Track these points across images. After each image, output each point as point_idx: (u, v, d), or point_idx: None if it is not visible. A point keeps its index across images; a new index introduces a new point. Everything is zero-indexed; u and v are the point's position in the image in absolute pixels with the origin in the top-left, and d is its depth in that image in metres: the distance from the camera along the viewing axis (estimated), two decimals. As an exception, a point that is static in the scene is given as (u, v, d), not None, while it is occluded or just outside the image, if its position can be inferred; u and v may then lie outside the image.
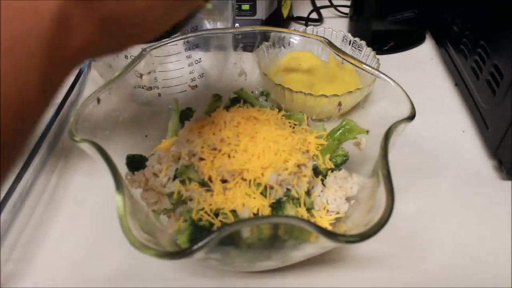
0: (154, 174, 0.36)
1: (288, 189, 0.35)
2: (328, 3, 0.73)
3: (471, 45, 0.51)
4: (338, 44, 0.56)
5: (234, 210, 0.33)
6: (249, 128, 0.36)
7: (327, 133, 0.41)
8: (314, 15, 0.73)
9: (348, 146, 0.41)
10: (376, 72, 0.39)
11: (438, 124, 0.51)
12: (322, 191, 0.37)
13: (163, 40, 0.43)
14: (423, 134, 0.49)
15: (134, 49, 0.45)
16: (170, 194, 0.35)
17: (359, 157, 0.40)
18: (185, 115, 0.44)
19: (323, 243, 0.29)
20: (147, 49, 0.42)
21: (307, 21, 0.71)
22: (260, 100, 0.48)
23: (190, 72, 0.48)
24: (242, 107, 0.43)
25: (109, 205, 0.29)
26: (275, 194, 0.34)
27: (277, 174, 0.34)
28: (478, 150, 0.48)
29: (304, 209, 0.35)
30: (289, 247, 0.31)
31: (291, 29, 0.67)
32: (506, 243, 0.38)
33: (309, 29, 0.59)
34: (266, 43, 0.50)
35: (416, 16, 0.64)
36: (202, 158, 0.35)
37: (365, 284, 0.36)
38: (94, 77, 0.54)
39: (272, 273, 0.36)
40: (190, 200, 0.34)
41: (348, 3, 0.69)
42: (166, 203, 0.35)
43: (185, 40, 0.45)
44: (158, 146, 0.39)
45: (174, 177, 0.36)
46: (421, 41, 0.67)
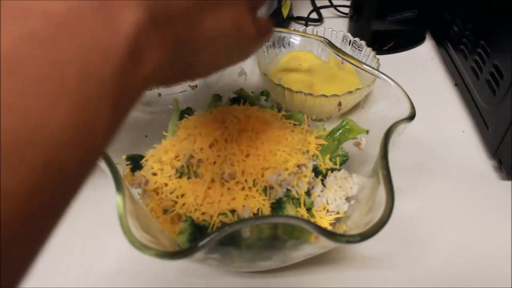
0: (154, 174, 0.36)
1: (288, 189, 0.35)
2: (328, 3, 0.73)
3: (471, 45, 0.51)
4: (338, 44, 0.56)
5: (234, 210, 0.33)
6: (249, 128, 0.36)
7: (327, 133, 0.41)
8: (314, 15, 0.73)
9: (348, 146, 0.41)
10: (376, 72, 0.39)
11: (438, 124, 0.51)
12: (322, 191, 0.37)
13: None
14: (423, 134, 0.49)
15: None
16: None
17: (359, 157, 0.40)
18: (185, 115, 0.44)
19: (323, 243, 0.29)
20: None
21: (307, 21, 0.71)
22: (260, 100, 0.48)
23: (190, 72, 0.48)
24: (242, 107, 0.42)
25: (109, 205, 0.29)
26: (275, 194, 0.34)
27: (277, 175, 0.34)
28: (478, 150, 0.48)
29: (304, 209, 0.35)
30: (289, 247, 0.31)
31: (291, 29, 0.67)
32: (506, 243, 0.38)
33: (309, 29, 0.59)
34: (266, 43, 0.50)
35: (416, 16, 0.64)
36: (202, 158, 0.35)
37: (365, 284, 0.36)
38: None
39: (272, 273, 0.36)
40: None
41: (348, 3, 0.69)
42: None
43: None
44: (158, 146, 0.39)
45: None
46: (421, 41, 0.67)
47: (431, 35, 0.68)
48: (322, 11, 0.74)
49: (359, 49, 0.55)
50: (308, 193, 0.37)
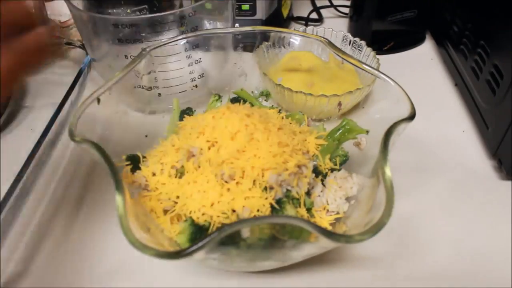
0: (154, 174, 0.36)
1: (288, 190, 0.35)
2: (328, 3, 0.73)
3: (471, 45, 0.51)
4: (338, 44, 0.56)
5: (234, 210, 0.33)
6: (249, 129, 0.36)
7: (327, 133, 0.41)
8: (314, 15, 0.73)
9: (348, 146, 0.41)
10: (376, 72, 0.39)
11: (438, 124, 0.51)
12: (322, 191, 0.37)
13: (163, 40, 0.43)
14: (423, 134, 0.49)
15: (134, 49, 0.45)
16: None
17: (359, 157, 0.40)
18: (185, 115, 0.44)
19: (323, 243, 0.29)
20: (147, 49, 0.42)
21: (307, 21, 0.71)
22: (260, 100, 0.48)
23: (190, 72, 0.48)
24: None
25: (109, 205, 0.29)
26: (275, 195, 0.34)
27: (278, 175, 0.34)
28: (478, 150, 0.48)
29: (304, 209, 0.35)
30: (289, 247, 0.31)
31: (291, 29, 0.67)
32: (506, 243, 0.38)
33: (309, 29, 0.59)
34: (266, 43, 0.50)
35: (416, 16, 0.64)
36: (202, 158, 0.35)
37: (365, 284, 0.36)
38: (94, 77, 0.54)
39: (272, 273, 0.36)
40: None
41: (348, 3, 0.69)
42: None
43: (185, 40, 0.45)
44: (158, 146, 0.39)
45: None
46: (421, 41, 0.67)
47: (431, 35, 0.68)
48: (322, 11, 0.74)
49: (359, 49, 0.55)
50: (308, 193, 0.37)
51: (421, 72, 0.60)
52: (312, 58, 0.52)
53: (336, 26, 0.59)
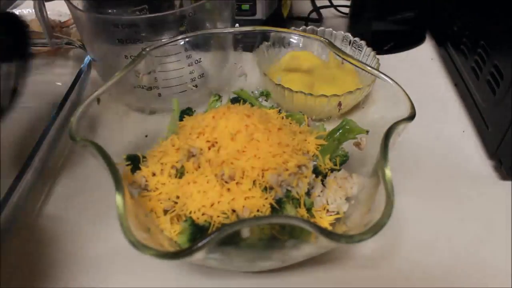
0: (154, 174, 0.36)
1: (288, 190, 0.35)
2: (328, 3, 0.73)
3: (471, 45, 0.51)
4: (338, 44, 0.56)
5: (234, 210, 0.33)
6: (249, 129, 0.36)
7: (327, 133, 0.41)
8: (314, 15, 0.73)
9: (348, 146, 0.41)
10: (376, 72, 0.39)
11: (438, 124, 0.51)
12: (322, 191, 0.37)
13: (163, 40, 0.43)
14: (423, 134, 0.49)
15: (134, 49, 0.45)
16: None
17: (359, 157, 0.40)
18: (185, 115, 0.44)
19: (323, 243, 0.29)
20: (147, 49, 0.42)
21: (307, 21, 0.71)
22: (260, 100, 0.48)
23: (190, 72, 0.48)
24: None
25: (109, 205, 0.29)
26: (275, 195, 0.34)
27: (278, 175, 0.34)
28: (478, 150, 0.48)
29: (304, 209, 0.35)
30: (289, 247, 0.31)
31: (291, 29, 0.67)
32: (506, 243, 0.38)
33: (309, 29, 0.59)
34: (266, 43, 0.50)
35: (416, 16, 0.64)
36: (202, 159, 0.35)
37: (365, 284, 0.36)
38: (94, 77, 0.54)
39: (272, 273, 0.36)
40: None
41: (348, 3, 0.69)
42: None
43: (185, 40, 0.45)
44: (158, 146, 0.39)
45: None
46: (421, 41, 0.67)
47: (431, 35, 0.68)
48: (322, 11, 0.74)
49: (359, 49, 0.55)
50: (308, 193, 0.37)
51: (421, 72, 0.60)
52: (312, 58, 0.52)
53: (336, 26, 0.59)
